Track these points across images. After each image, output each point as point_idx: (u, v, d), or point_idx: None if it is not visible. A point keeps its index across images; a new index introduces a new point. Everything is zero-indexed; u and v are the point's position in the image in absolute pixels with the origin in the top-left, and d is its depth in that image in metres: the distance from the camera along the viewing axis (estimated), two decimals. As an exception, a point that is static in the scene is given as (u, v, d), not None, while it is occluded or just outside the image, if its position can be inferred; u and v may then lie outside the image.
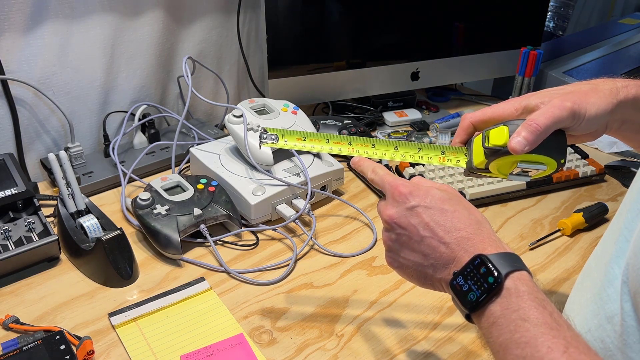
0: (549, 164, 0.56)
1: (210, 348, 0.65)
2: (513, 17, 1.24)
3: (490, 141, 0.55)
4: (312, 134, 0.62)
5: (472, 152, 0.58)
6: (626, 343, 0.47)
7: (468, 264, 0.48)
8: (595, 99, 0.54)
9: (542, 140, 0.53)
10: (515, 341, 0.43)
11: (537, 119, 0.53)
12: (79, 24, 0.94)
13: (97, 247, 0.74)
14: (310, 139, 0.62)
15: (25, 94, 0.92)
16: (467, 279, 0.48)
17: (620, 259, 0.49)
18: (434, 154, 0.60)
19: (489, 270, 0.46)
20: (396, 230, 0.54)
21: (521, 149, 0.52)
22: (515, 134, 0.53)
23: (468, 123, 0.60)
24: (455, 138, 0.61)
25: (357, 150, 0.61)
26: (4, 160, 0.83)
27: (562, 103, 0.53)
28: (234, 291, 0.74)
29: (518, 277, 0.46)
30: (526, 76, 1.16)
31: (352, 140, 0.61)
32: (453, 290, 0.49)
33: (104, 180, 0.94)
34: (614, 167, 1.02)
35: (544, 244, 0.84)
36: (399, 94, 1.24)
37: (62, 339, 0.61)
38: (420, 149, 0.60)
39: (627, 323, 0.47)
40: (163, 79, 1.10)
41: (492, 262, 0.46)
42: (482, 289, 0.46)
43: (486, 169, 0.57)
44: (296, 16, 1.08)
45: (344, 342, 0.67)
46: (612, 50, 1.40)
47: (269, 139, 0.62)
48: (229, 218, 0.83)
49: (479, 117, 0.59)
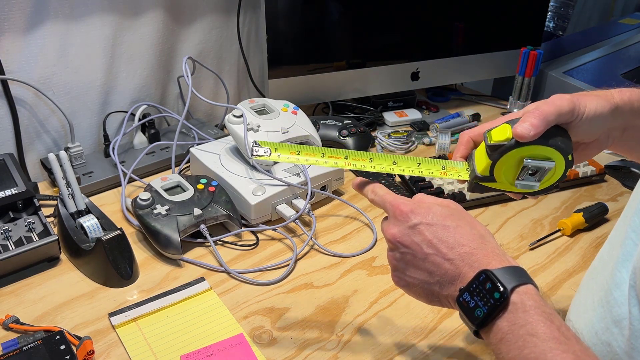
0: (557, 160, 0.53)
1: (210, 348, 0.65)
2: (513, 17, 1.24)
3: (492, 138, 0.54)
4: (306, 148, 0.59)
5: (474, 162, 0.57)
6: (634, 347, 0.47)
7: (473, 279, 0.48)
8: (592, 98, 0.55)
9: (547, 128, 0.52)
10: (525, 357, 0.43)
11: (539, 106, 0.52)
12: (79, 24, 0.94)
13: (97, 247, 0.74)
14: (304, 152, 0.58)
15: (25, 94, 0.92)
16: (473, 295, 0.47)
17: (628, 262, 0.49)
18: (435, 168, 0.58)
19: (495, 286, 0.46)
20: (400, 249, 0.53)
21: (527, 134, 0.51)
22: (519, 122, 0.52)
23: (467, 138, 0.59)
24: (456, 153, 0.60)
25: (354, 165, 0.58)
26: (4, 160, 0.83)
27: (562, 95, 0.54)
28: (234, 291, 0.74)
29: (524, 292, 0.46)
30: (526, 76, 1.16)
31: (349, 154, 0.58)
32: (460, 307, 0.49)
33: (104, 180, 0.94)
34: (614, 167, 1.02)
35: (544, 244, 0.84)
36: (399, 94, 1.24)
37: (62, 339, 0.61)
38: (420, 164, 0.58)
39: (635, 327, 0.46)
40: (163, 79, 1.10)
41: (497, 277, 0.46)
42: (488, 305, 0.46)
43: (491, 175, 0.55)
44: (296, 16, 1.08)
45: (344, 342, 0.67)
46: (612, 50, 1.40)
47: (261, 152, 0.59)
48: (229, 218, 0.83)
49: (477, 131, 0.59)
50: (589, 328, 0.52)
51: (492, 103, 1.31)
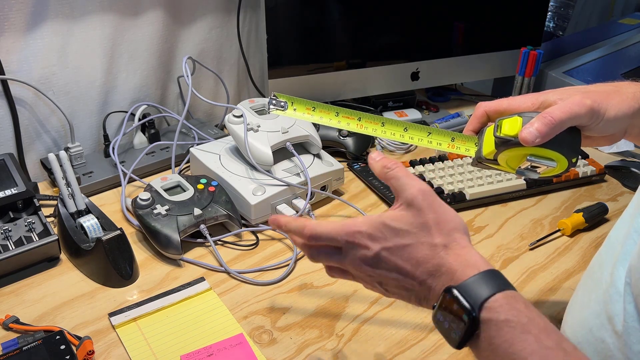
0: (559, 161, 0.54)
1: (210, 348, 0.65)
2: (513, 17, 1.24)
3: (502, 130, 0.54)
4: (322, 105, 0.60)
5: (482, 142, 0.57)
6: (626, 344, 0.47)
7: (442, 299, 0.45)
8: (616, 101, 0.53)
9: (555, 134, 0.52)
10: None
11: (552, 112, 0.51)
12: (79, 24, 0.94)
13: (97, 247, 0.74)
14: (319, 110, 0.59)
15: (25, 94, 0.92)
16: (445, 316, 0.45)
17: (626, 260, 0.48)
18: (444, 139, 0.58)
19: (462, 307, 0.43)
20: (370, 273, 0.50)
21: (532, 140, 0.51)
22: (528, 124, 0.52)
23: (482, 111, 0.58)
24: (468, 126, 0.59)
25: (366, 127, 0.59)
26: (4, 160, 0.83)
27: (582, 100, 0.52)
28: (234, 291, 0.74)
29: (492, 307, 0.43)
30: (526, 76, 1.16)
31: (362, 116, 0.59)
32: (437, 326, 0.47)
33: (104, 180, 0.94)
34: (614, 167, 1.02)
35: (544, 244, 0.84)
36: (399, 94, 1.24)
37: (62, 339, 0.61)
38: (430, 133, 0.58)
39: (629, 324, 0.46)
40: (163, 79, 1.10)
41: (463, 295, 0.44)
42: (460, 329, 0.44)
43: (495, 160, 0.56)
44: (296, 16, 1.08)
45: (344, 342, 0.67)
46: (612, 50, 1.40)
47: (278, 105, 0.59)
48: (229, 218, 0.83)
49: (494, 107, 0.58)
50: (584, 325, 0.52)
51: (492, 103, 1.31)
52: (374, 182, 0.97)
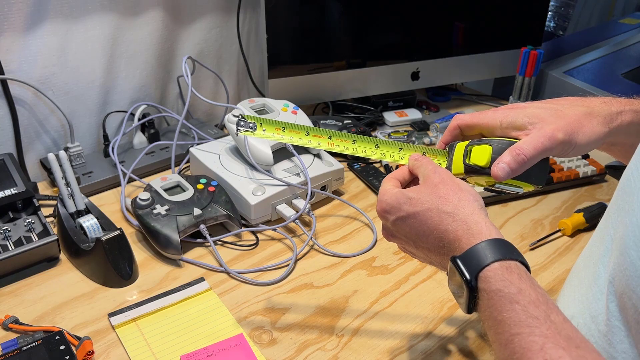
0: (526, 188, 0.56)
1: (210, 348, 0.65)
2: (513, 17, 1.24)
3: (471, 159, 0.55)
4: (291, 125, 0.59)
5: (452, 160, 0.57)
6: (610, 343, 0.46)
7: (450, 267, 0.49)
8: (588, 128, 0.54)
9: (525, 169, 0.53)
10: (500, 342, 0.44)
11: (524, 149, 0.52)
12: (78, 24, 0.94)
13: (97, 247, 0.74)
14: (289, 129, 0.58)
15: (25, 94, 0.92)
16: (452, 283, 0.49)
17: (606, 257, 0.49)
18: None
19: (463, 277, 0.46)
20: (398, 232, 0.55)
21: (504, 177, 0.52)
22: (499, 159, 0.52)
23: (455, 125, 0.59)
24: (442, 138, 0.61)
25: (337, 146, 0.59)
26: (4, 160, 0.83)
27: (554, 134, 0.52)
28: (234, 291, 0.74)
29: (486, 277, 0.45)
30: (526, 76, 1.16)
31: (333, 134, 0.59)
32: (452, 294, 0.50)
33: (103, 180, 0.94)
34: (614, 167, 1.02)
35: (545, 244, 0.84)
36: (399, 94, 1.24)
37: (62, 339, 0.61)
38: (402, 149, 0.59)
39: (612, 323, 0.46)
40: (163, 78, 1.09)
41: (462, 267, 0.46)
42: (465, 296, 0.47)
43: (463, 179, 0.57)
44: (296, 16, 1.08)
45: (344, 342, 0.66)
46: (612, 50, 1.40)
47: (247, 127, 0.58)
48: (228, 218, 0.83)
49: (467, 121, 0.58)
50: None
51: (493, 103, 1.31)
52: (374, 182, 0.97)
